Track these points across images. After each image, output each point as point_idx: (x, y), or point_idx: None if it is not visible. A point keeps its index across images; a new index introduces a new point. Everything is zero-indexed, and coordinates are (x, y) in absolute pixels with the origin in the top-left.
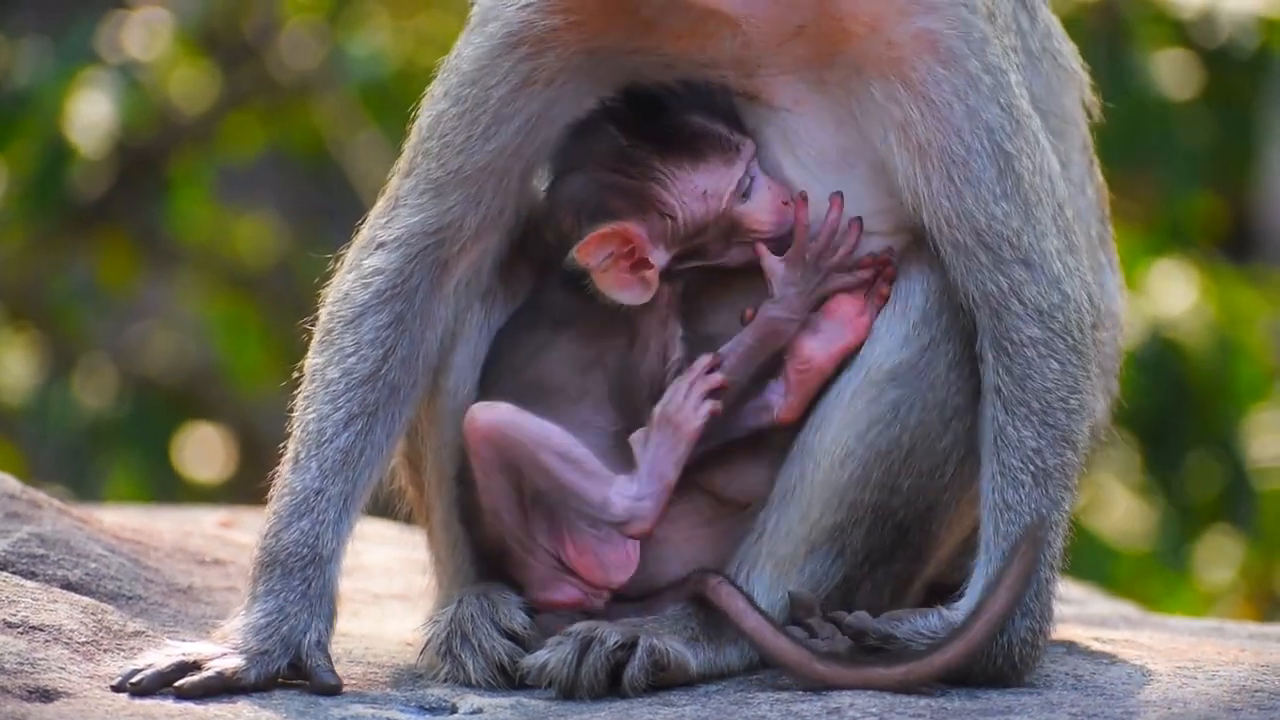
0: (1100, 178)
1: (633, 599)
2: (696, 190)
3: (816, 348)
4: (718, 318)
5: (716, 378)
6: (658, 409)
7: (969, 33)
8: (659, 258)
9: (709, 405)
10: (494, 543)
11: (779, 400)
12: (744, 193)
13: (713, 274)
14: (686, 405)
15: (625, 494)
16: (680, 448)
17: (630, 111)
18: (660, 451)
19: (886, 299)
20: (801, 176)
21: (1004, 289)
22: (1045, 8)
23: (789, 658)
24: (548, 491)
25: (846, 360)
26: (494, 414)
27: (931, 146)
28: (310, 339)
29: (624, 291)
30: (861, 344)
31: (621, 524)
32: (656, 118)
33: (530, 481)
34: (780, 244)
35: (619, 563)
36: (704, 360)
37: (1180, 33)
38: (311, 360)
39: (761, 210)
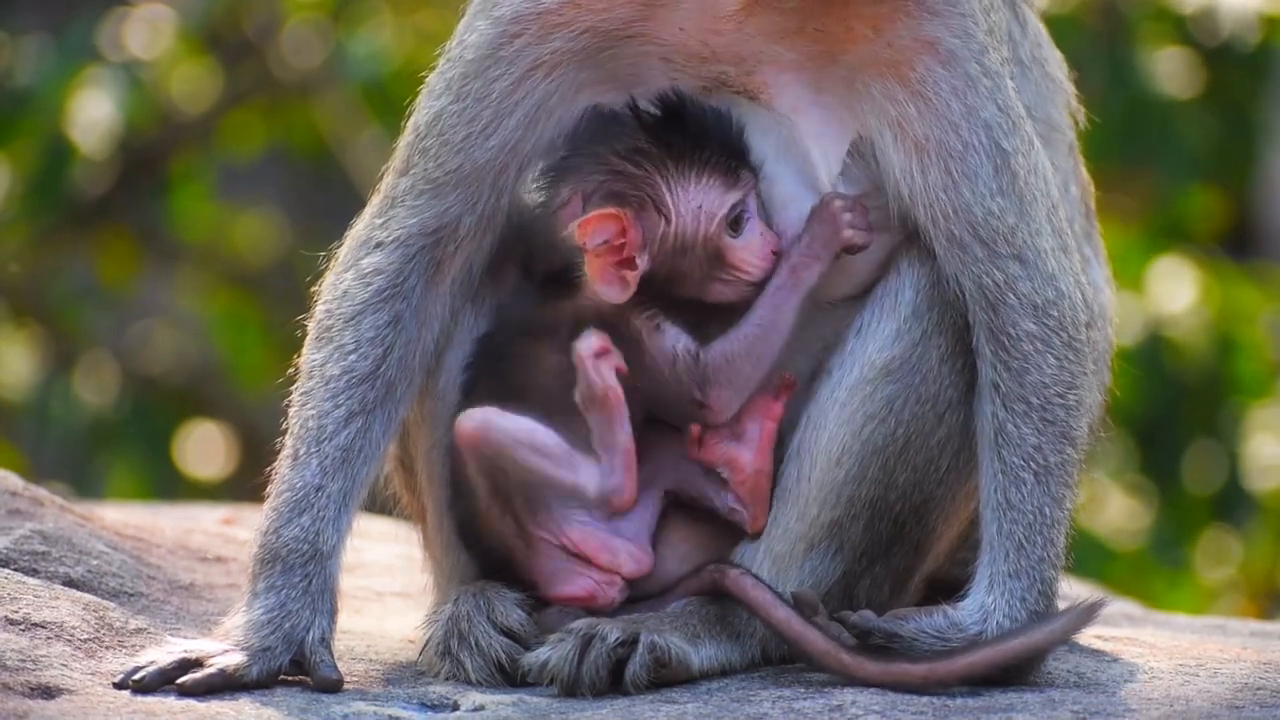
0: (1085, 174)
1: (633, 599)
2: (693, 203)
3: (745, 453)
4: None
5: (595, 343)
6: (576, 397)
7: (969, 40)
8: (643, 262)
9: (607, 365)
10: (497, 545)
11: (744, 514)
12: (735, 225)
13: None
14: (593, 379)
15: (593, 476)
16: (613, 414)
17: (655, 113)
18: (600, 428)
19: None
20: (798, 174)
21: (999, 283)
22: (1034, 17)
23: (817, 648)
24: (531, 486)
25: (840, 359)
26: (473, 421)
27: (929, 141)
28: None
29: (606, 285)
30: (778, 427)
31: (604, 503)
32: (678, 125)
33: (514, 479)
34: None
35: (629, 549)
36: (590, 337)
37: (1181, 30)
38: (309, 357)
39: (749, 251)
